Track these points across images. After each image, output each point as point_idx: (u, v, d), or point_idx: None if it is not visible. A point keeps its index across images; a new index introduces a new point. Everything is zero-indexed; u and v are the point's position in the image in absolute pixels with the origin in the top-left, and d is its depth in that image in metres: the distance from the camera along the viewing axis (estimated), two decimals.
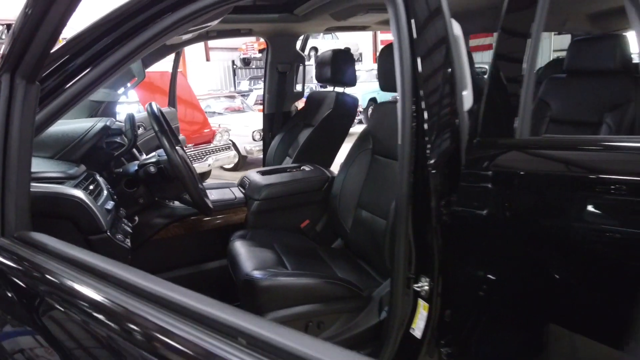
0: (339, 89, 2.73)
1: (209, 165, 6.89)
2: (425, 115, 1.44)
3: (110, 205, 1.35)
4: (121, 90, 2.77)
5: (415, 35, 1.44)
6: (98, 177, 1.49)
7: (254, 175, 2.31)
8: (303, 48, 3.19)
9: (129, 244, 1.34)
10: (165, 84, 7.36)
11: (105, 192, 1.41)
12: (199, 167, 6.92)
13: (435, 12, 1.48)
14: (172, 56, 3.95)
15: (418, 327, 1.56)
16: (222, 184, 2.50)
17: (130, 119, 1.80)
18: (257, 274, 1.62)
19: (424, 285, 1.50)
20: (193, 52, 14.20)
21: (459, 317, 1.57)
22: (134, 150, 1.96)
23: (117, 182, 1.71)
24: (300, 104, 3.16)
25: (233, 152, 7.39)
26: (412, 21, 1.44)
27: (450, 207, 1.45)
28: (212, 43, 14.78)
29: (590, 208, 1.19)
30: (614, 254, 1.13)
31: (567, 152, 1.28)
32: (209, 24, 2.10)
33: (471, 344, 1.57)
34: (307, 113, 2.93)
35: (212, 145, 7.11)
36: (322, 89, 3.14)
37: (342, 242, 2.22)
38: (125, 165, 1.78)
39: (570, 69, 2.21)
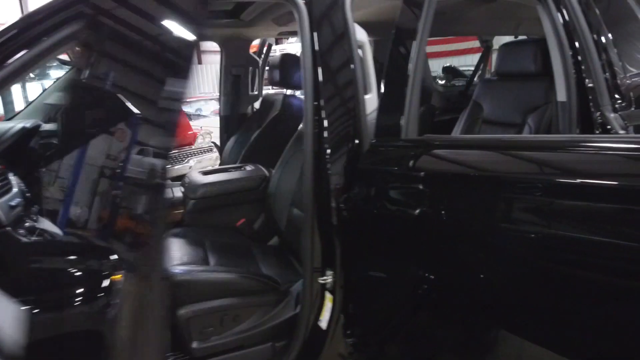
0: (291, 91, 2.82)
1: (190, 167, 6.96)
2: (325, 122, 1.52)
3: (16, 202, 1.41)
4: None
5: (317, 47, 1.52)
6: (10, 176, 1.55)
7: (194, 175, 2.38)
8: (260, 52, 3.26)
9: (32, 239, 1.40)
10: None
11: (14, 190, 1.48)
12: (181, 168, 7.00)
13: (338, 23, 1.56)
14: None
15: (324, 319, 1.64)
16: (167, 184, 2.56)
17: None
18: (174, 269, 1.69)
19: (328, 278, 1.58)
20: None
21: (362, 309, 1.64)
22: None
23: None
24: None
25: (215, 154, 7.45)
26: (315, 34, 1.53)
27: (349, 204, 1.53)
28: (204, 46, 14.82)
29: (451, 202, 1.27)
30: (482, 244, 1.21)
31: (446, 151, 1.36)
32: None
33: (377, 336, 1.64)
34: (260, 115, 3.00)
35: (193, 147, 7.19)
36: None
37: (278, 240, 2.29)
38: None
39: (499, 71, 2.28)
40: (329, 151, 1.51)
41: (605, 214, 0.98)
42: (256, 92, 3.19)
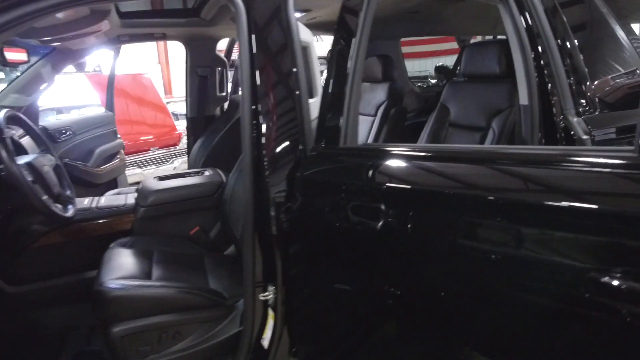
0: None
1: (175, 168, 6.87)
2: (264, 127, 1.42)
3: None
4: (34, 94, 2.73)
5: (254, 49, 1.43)
6: None
7: (149, 181, 2.28)
8: (228, 53, 3.17)
9: None
10: (135, 88, 7.35)
11: None
12: (165, 169, 6.91)
13: (280, 23, 1.47)
14: (135, 57, 3.92)
15: (267, 337, 1.54)
16: (124, 190, 2.48)
17: None
18: (109, 284, 1.59)
19: (269, 294, 1.49)
20: (178, 54, 14.18)
21: (307, 328, 1.55)
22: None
23: None
24: None
25: None
26: (253, 36, 1.43)
27: (289, 214, 1.43)
28: None
29: (384, 214, 1.17)
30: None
31: (382, 162, 1.26)
32: (94, 27, 2.08)
33: (324, 357, 1.55)
34: (227, 117, 2.91)
35: (178, 147, 7.11)
36: None
37: (235, 249, 2.19)
38: None
39: (465, 73, 2.19)
40: (266, 158, 1.42)
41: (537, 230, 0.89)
42: (224, 94, 3.09)
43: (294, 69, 1.47)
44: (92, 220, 2.10)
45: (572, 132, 1.72)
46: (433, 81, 8.04)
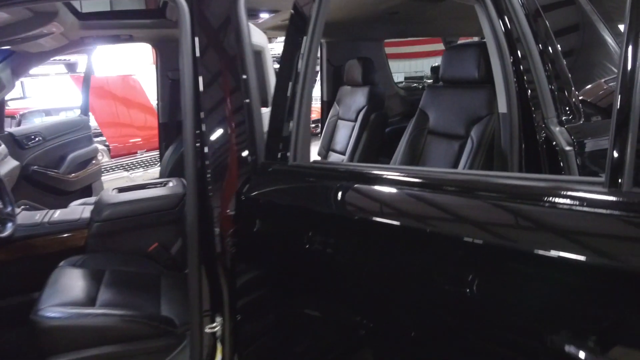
0: None
1: None
2: (210, 137, 1.28)
3: None
4: None
5: (198, 53, 1.29)
6: None
7: (107, 193, 2.14)
8: None
9: None
10: (123, 90, 7.21)
11: None
12: (153, 172, 6.78)
13: (229, 26, 1.32)
14: (129, 58, 3.79)
15: None
16: (90, 200, 2.34)
17: None
18: (45, 312, 1.45)
19: (216, 326, 1.35)
20: None
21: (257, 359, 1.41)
22: None
23: None
24: None
25: None
26: (196, 39, 1.29)
27: (236, 236, 1.29)
28: None
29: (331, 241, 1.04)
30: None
31: (326, 182, 1.12)
32: (42, 30, 1.94)
33: None
34: None
35: None
36: None
37: None
38: None
39: (443, 78, 2.04)
40: (209, 171, 1.28)
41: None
42: None
43: (244, 76, 1.33)
44: (43, 236, 1.95)
45: (554, 143, 1.58)
46: (429, 81, 7.98)
